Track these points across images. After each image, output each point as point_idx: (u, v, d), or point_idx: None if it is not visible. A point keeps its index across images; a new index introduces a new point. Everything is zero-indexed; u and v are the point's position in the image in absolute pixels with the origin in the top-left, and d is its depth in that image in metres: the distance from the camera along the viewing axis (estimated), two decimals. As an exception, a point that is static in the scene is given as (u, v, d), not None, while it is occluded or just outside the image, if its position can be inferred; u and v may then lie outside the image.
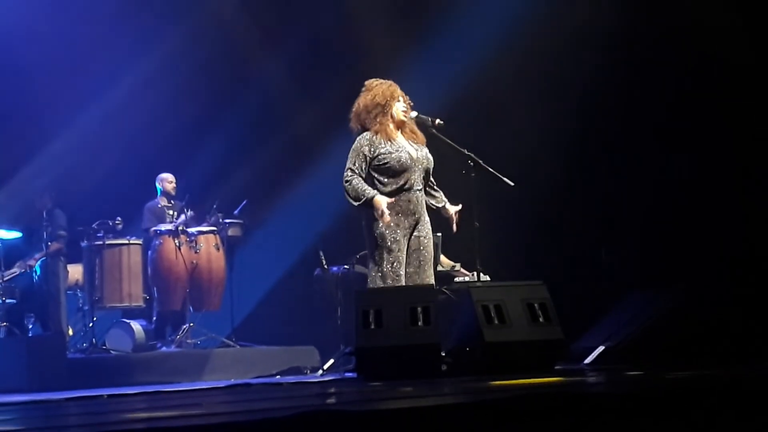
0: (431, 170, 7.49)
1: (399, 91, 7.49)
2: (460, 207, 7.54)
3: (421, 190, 7.40)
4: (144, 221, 10.46)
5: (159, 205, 10.53)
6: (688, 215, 9.50)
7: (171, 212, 10.43)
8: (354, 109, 7.53)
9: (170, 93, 11.38)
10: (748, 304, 8.30)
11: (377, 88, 7.46)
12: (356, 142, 7.42)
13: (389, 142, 7.34)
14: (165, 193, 10.57)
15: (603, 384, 5.97)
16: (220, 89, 11.57)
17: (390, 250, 7.25)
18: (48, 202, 10.22)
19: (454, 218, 7.50)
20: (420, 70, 10.02)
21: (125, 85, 11.40)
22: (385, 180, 7.32)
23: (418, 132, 7.52)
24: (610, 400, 4.41)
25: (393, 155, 7.31)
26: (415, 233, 7.35)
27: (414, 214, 7.34)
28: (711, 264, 9.17)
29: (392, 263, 7.23)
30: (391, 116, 7.43)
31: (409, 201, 7.33)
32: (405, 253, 7.30)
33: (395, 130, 7.43)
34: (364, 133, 7.41)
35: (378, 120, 7.40)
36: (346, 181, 7.31)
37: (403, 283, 7.26)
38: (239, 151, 11.52)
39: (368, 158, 7.33)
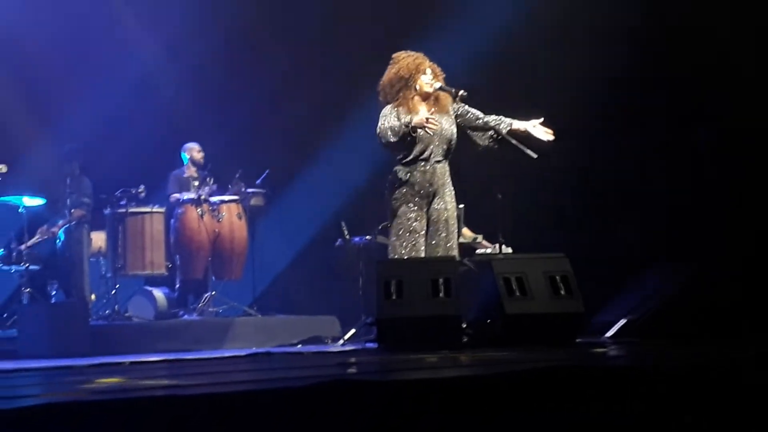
0: (454, 142, 7.46)
1: (426, 64, 7.45)
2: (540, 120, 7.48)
3: (441, 161, 7.38)
4: (168, 187, 10.47)
5: (185, 174, 10.53)
6: (711, 188, 9.45)
7: (196, 183, 10.43)
8: (381, 82, 7.52)
9: (195, 62, 11.39)
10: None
11: (403, 61, 7.43)
12: (381, 113, 7.42)
13: (409, 115, 7.31)
14: (194, 162, 10.56)
15: (624, 357, 5.96)
16: (244, 58, 11.55)
17: (408, 220, 7.26)
18: (76, 168, 10.25)
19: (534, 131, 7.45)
20: (445, 39, 9.95)
21: (151, 53, 11.42)
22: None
23: (443, 101, 7.46)
24: (631, 373, 4.40)
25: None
26: (433, 205, 7.34)
27: (431, 185, 7.32)
28: (733, 237, 9.12)
29: (411, 233, 7.24)
30: (416, 89, 7.41)
31: (425, 172, 7.32)
32: (424, 224, 7.30)
33: (419, 103, 7.39)
34: (387, 106, 7.42)
35: (401, 94, 7.38)
36: (378, 131, 7.32)
37: (422, 255, 7.26)
38: (262, 121, 11.51)
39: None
